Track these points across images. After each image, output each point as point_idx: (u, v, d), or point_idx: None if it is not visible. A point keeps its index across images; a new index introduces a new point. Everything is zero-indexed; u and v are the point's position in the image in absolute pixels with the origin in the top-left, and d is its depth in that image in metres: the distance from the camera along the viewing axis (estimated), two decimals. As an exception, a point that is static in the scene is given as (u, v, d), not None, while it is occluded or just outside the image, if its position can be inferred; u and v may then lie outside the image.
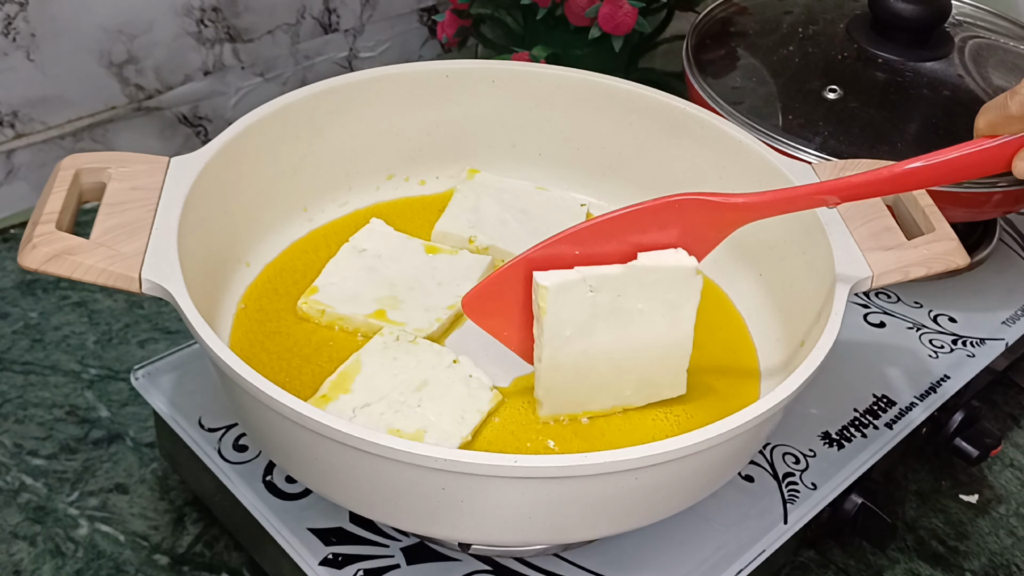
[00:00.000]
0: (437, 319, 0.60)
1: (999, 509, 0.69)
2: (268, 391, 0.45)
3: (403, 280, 0.62)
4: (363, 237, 0.64)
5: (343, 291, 0.61)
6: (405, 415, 0.53)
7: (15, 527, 0.62)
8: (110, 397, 0.70)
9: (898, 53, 0.76)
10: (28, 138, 0.82)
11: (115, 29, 0.81)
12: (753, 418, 0.46)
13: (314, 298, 0.60)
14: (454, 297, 0.61)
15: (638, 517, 0.50)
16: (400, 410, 0.53)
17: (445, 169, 0.70)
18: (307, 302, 0.60)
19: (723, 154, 0.64)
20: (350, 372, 0.55)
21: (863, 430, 0.64)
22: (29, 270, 0.49)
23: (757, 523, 0.58)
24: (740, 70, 0.77)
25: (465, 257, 0.64)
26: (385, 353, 0.56)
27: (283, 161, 0.63)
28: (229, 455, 0.58)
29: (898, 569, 0.65)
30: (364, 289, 0.61)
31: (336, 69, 0.97)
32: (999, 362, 0.72)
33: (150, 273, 0.49)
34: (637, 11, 0.79)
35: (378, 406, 0.53)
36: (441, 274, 0.63)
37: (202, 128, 0.91)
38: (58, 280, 0.77)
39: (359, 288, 0.61)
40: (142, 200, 0.53)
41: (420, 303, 0.60)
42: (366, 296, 0.61)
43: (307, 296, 0.60)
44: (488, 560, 0.55)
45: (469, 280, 0.62)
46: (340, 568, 0.53)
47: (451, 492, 0.46)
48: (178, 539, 0.62)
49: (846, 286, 0.53)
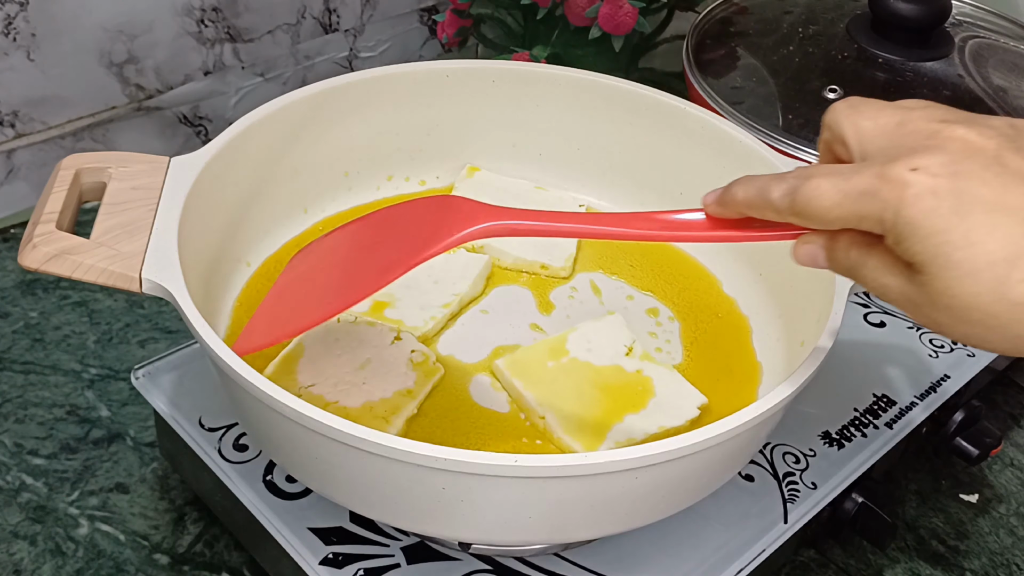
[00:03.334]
0: (432, 317, 0.60)
1: (999, 509, 0.69)
2: (268, 391, 0.45)
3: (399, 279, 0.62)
4: None
5: None
6: (349, 393, 0.53)
7: (15, 527, 0.62)
8: (110, 397, 0.70)
9: (898, 53, 0.76)
10: (28, 138, 0.82)
11: (115, 29, 0.81)
12: (753, 418, 0.46)
13: None
14: (450, 296, 0.61)
15: (638, 517, 0.50)
16: (346, 389, 0.54)
17: (445, 169, 0.70)
18: None
19: (723, 154, 0.64)
20: (293, 355, 0.56)
21: (863, 430, 0.64)
22: (29, 270, 0.49)
23: (757, 522, 0.58)
24: (740, 70, 0.77)
25: (462, 256, 0.64)
26: (327, 336, 0.57)
27: (283, 161, 0.63)
28: (229, 455, 0.58)
29: (898, 569, 0.65)
30: None
31: (336, 69, 0.97)
32: (999, 362, 0.72)
33: (150, 273, 0.49)
34: (637, 11, 0.80)
35: (323, 386, 0.54)
36: (437, 273, 0.63)
37: (202, 128, 0.91)
38: (58, 280, 0.77)
39: None
40: (142, 200, 0.53)
41: (416, 302, 0.60)
42: None
43: None
44: (488, 559, 0.55)
45: (465, 279, 0.62)
46: (340, 567, 0.53)
47: (451, 492, 0.46)
48: (178, 539, 0.62)
49: (846, 285, 0.53)
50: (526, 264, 0.65)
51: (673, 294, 0.65)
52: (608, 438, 0.54)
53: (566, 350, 0.58)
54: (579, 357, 0.58)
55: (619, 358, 0.58)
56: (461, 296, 0.62)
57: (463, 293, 0.62)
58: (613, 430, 0.54)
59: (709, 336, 0.62)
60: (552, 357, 0.58)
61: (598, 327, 0.59)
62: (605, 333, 0.59)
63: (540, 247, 0.65)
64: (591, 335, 0.59)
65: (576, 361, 0.57)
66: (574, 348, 0.58)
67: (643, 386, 0.57)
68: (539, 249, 0.65)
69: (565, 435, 0.54)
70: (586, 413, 0.55)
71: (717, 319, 0.63)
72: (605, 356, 0.58)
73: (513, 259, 0.65)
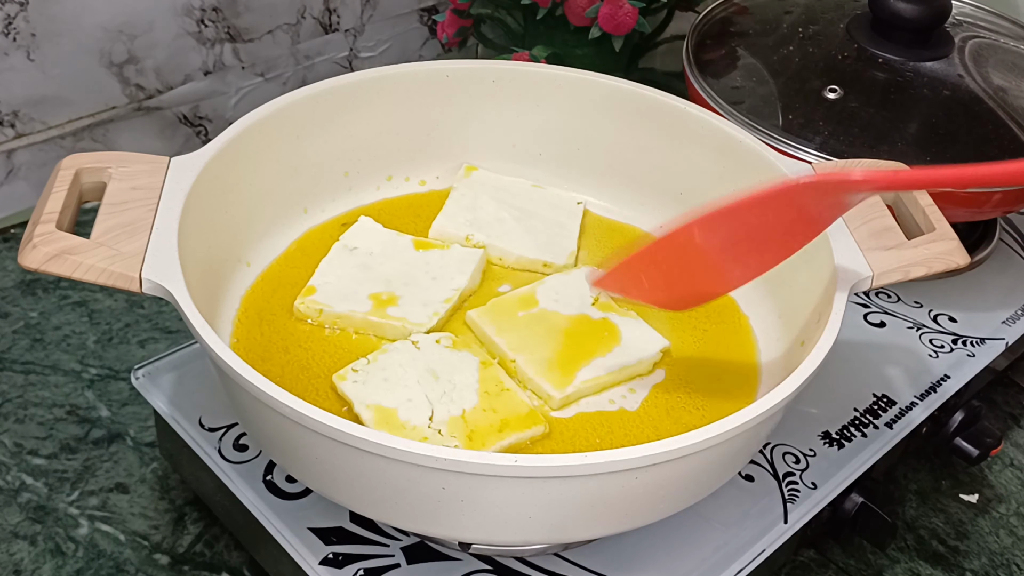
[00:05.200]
0: (435, 313, 0.60)
1: (999, 509, 0.70)
2: (268, 391, 0.45)
3: (398, 276, 0.62)
4: (353, 235, 0.64)
5: (339, 289, 0.61)
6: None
7: (15, 526, 0.62)
8: (110, 397, 0.70)
9: (898, 53, 0.76)
10: (28, 138, 0.82)
11: (115, 29, 0.82)
12: (753, 418, 0.46)
13: (311, 298, 0.60)
14: (450, 290, 0.61)
15: (638, 517, 0.50)
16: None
17: (445, 169, 0.70)
18: (304, 302, 0.60)
19: (723, 154, 0.64)
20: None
21: (863, 430, 0.64)
22: (29, 270, 0.49)
23: (757, 522, 0.58)
24: (740, 70, 0.77)
25: (457, 251, 0.64)
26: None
27: (283, 161, 0.63)
28: (229, 455, 0.58)
29: (898, 569, 0.65)
30: (360, 287, 0.61)
31: (336, 69, 0.97)
32: (999, 362, 0.72)
33: (150, 273, 0.49)
34: (637, 11, 0.80)
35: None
36: (435, 269, 0.63)
37: (202, 128, 0.91)
38: (58, 280, 0.77)
39: (355, 286, 0.61)
40: (142, 200, 0.53)
41: (417, 298, 0.60)
42: (362, 293, 0.61)
43: (304, 296, 0.60)
44: (488, 559, 0.55)
45: (463, 273, 0.62)
46: (340, 567, 0.53)
47: (451, 492, 0.46)
48: (178, 539, 0.62)
49: (846, 285, 0.53)
50: (528, 263, 0.65)
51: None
52: (576, 378, 0.57)
53: (536, 301, 0.61)
54: (547, 307, 0.61)
55: (586, 308, 0.61)
56: (460, 290, 0.62)
57: (463, 287, 0.62)
58: (581, 370, 0.57)
59: (709, 336, 0.62)
60: (522, 307, 0.60)
61: (566, 279, 0.63)
62: (572, 285, 0.62)
63: (542, 246, 0.65)
64: (559, 287, 0.62)
65: (545, 311, 0.60)
66: (543, 299, 0.61)
67: (609, 332, 0.60)
68: (541, 248, 0.65)
69: (536, 376, 0.57)
70: (555, 357, 0.58)
71: (717, 319, 0.63)
72: (572, 306, 0.61)
73: (516, 258, 0.65)
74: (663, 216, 0.68)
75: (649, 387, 0.58)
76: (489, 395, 0.55)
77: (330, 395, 0.56)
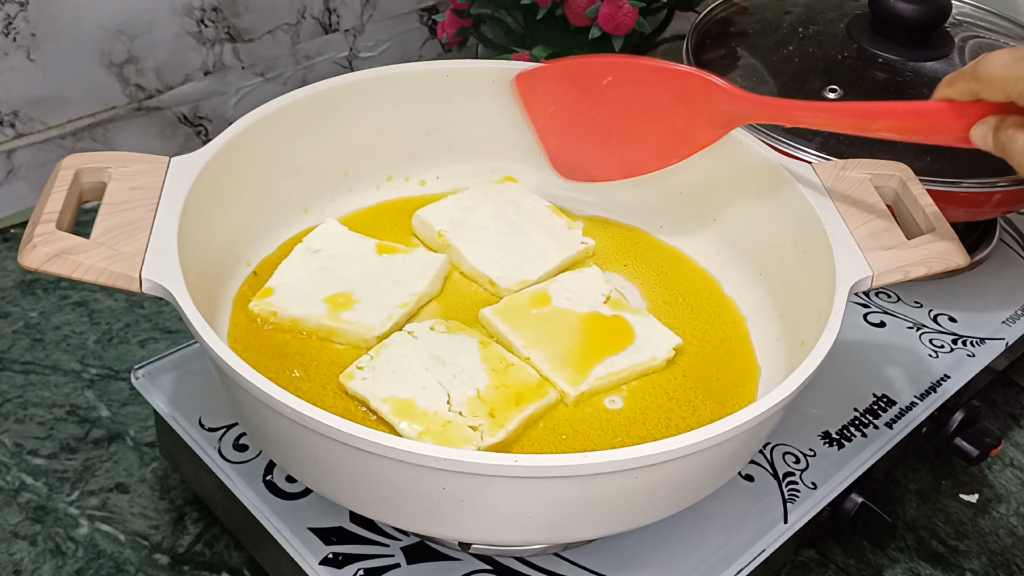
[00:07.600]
0: (389, 317, 0.59)
1: (999, 509, 0.70)
2: (268, 390, 0.45)
3: (357, 279, 0.61)
4: (317, 237, 0.63)
5: (297, 292, 0.59)
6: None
7: (15, 526, 0.62)
8: (110, 397, 0.70)
9: (898, 53, 0.76)
10: (28, 138, 0.82)
11: (115, 29, 0.82)
12: (753, 418, 0.46)
13: (267, 300, 0.59)
14: (408, 295, 0.60)
15: (638, 517, 0.50)
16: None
17: (445, 169, 0.70)
18: (259, 304, 0.59)
19: (723, 154, 0.64)
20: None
21: (863, 430, 0.64)
22: (29, 270, 0.49)
23: (757, 522, 0.58)
24: (740, 70, 0.77)
25: (419, 255, 0.63)
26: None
27: (283, 161, 0.63)
28: (229, 455, 0.58)
29: (898, 568, 0.65)
30: (318, 290, 0.60)
31: (336, 69, 0.97)
32: (999, 362, 0.72)
33: (150, 273, 0.49)
34: (637, 11, 0.80)
35: None
36: (395, 273, 0.62)
37: (202, 128, 0.91)
38: (58, 280, 0.77)
39: (313, 289, 0.60)
40: (142, 200, 0.53)
41: (374, 302, 0.59)
42: (319, 296, 0.59)
43: (259, 298, 0.59)
44: (488, 559, 0.55)
45: (423, 278, 0.61)
46: (340, 567, 0.53)
47: (451, 492, 0.46)
48: (178, 539, 0.62)
49: (846, 286, 0.53)
50: (476, 275, 0.63)
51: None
52: (591, 375, 0.57)
53: (548, 299, 0.61)
54: (560, 305, 0.61)
55: (598, 306, 0.61)
56: (419, 296, 0.61)
57: (421, 292, 0.61)
58: (595, 368, 0.57)
59: (709, 336, 0.62)
60: (535, 305, 0.61)
61: (577, 277, 0.63)
62: (584, 283, 0.63)
63: (500, 264, 0.64)
64: (571, 285, 0.63)
65: (558, 309, 0.61)
66: (555, 297, 0.61)
67: (623, 329, 0.60)
68: (496, 265, 0.63)
69: (551, 373, 0.57)
70: (569, 353, 0.58)
71: (716, 319, 0.63)
72: (585, 304, 0.61)
73: (468, 267, 0.64)
74: (662, 216, 0.68)
75: (649, 387, 0.58)
76: (497, 372, 0.56)
77: (333, 394, 0.56)
